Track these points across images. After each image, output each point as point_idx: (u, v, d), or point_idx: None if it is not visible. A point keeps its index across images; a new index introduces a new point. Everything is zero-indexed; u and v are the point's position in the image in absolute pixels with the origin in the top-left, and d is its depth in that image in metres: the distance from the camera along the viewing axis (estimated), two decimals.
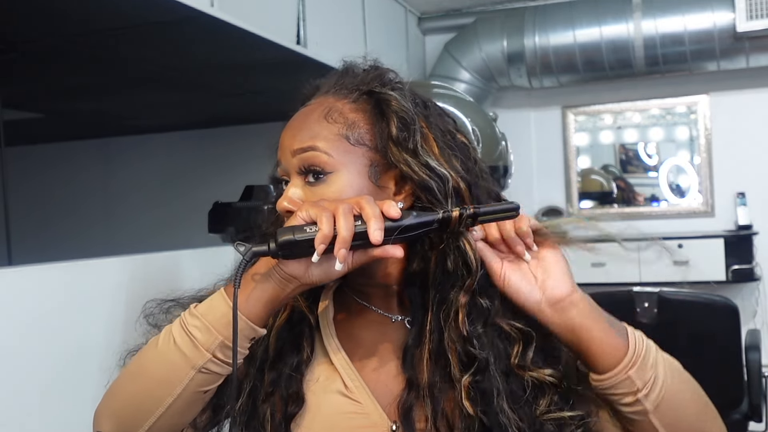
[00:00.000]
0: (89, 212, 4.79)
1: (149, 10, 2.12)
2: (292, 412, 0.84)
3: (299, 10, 2.74)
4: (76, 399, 1.36)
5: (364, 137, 0.86)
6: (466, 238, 0.82)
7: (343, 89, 0.89)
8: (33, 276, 1.34)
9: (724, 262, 3.67)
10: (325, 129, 0.85)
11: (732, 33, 3.48)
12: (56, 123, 4.38)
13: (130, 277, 1.53)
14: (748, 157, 3.91)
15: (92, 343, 1.42)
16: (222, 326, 0.78)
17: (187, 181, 4.46)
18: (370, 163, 0.85)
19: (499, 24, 3.88)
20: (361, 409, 0.84)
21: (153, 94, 3.55)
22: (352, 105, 0.88)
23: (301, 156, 0.85)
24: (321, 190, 0.84)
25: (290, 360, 0.87)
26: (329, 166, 0.84)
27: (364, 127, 0.86)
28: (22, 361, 1.28)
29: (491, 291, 0.85)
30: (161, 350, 0.80)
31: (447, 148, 0.86)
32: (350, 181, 0.84)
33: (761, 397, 2.48)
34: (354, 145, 0.85)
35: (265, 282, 0.78)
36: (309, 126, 0.87)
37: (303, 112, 0.90)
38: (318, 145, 0.84)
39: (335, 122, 0.86)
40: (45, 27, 2.24)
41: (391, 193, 0.86)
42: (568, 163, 4.24)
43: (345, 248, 0.73)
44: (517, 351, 0.84)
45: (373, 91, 0.88)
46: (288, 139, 0.88)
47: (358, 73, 0.92)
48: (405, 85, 0.91)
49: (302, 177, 0.86)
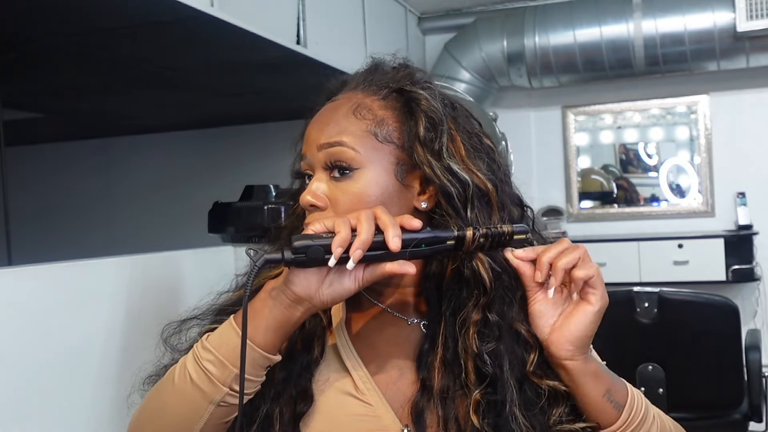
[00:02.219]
0: (89, 212, 4.79)
1: (149, 10, 2.12)
2: (301, 411, 0.83)
3: (299, 10, 2.74)
4: (76, 399, 1.36)
5: (392, 135, 0.85)
6: (480, 260, 0.82)
7: (372, 86, 0.88)
8: (33, 276, 1.34)
9: (724, 262, 3.67)
10: (353, 124, 0.84)
11: (732, 33, 3.48)
12: (56, 123, 4.38)
13: (130, 277, 1.53)
14: (748, 157, 3.91)
15: (92, 343, 1.42)
16: (235, 358, 0.76)
17: (187, 181, 4.46)
18: (397, 161, 0.84)
19: (499, 24, 3.87)
20: (372, 411, 0.83)
21: (153, 94, 3.55)
22: (381, 102, 0.86)
23: (328, 151, 0.84)
24: (346, 186, 0.83)
25: (301, 359, 0.86)
26: (356, 162, 0.83)
27: (393, 124, 0.85)
28: (22, 361, 1.27)
29: (510, 296, 0.84)
30: (178, 388, 0.79)
31: (473, 150, 0.86)
32: (376, 178, 0.83)
33: (761, 397, 2.48)
34: (382, 143, 0.84)
35: (275, 308, 0.77)
36: (337, 121, 0.85)
37: (330, 107, 0.88)
38: (345, 141, 0.83)
39: (364, 118, 0.85)
40: (45, 27, 2.24)
41: (415, 192, 0.85)
42: (568, 163, 4.24)
43: (362, 249, 0.72)
44: (533, 358, 0.83)
45: (403, 90, 0.86)
46: (314, 133, 0.86)
47: (388, 70, 0.91)
48: (434, 85, 0.90)
49: (327, 172, 0.85)
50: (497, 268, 0.82)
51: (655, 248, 3.79)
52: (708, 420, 2.44)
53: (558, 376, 0.84)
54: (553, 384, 0.83)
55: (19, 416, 1.25)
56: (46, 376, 1.31)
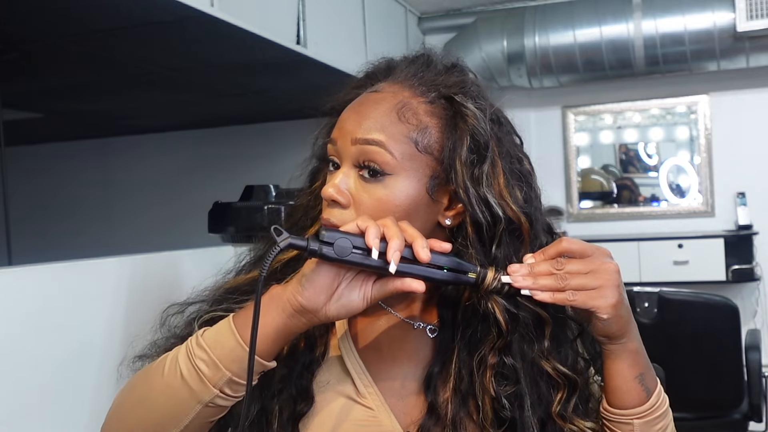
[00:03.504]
0: (89, 212, 4.79)
1: (149, 10, 2.12)
2: (300, 411, 0.81)
3: (299, 10, 2.73)
4: (76, 399, 1.36)
5: (433, 146, 0.79)
6: (496, 303, 0.78)
7: (421, 85, 0.82)
8: (33, 276, 1.34)
9: (724, 262, 3.67)
10: (395, 126, 0.79)
11: (732, 33, 3.48)
12: (56, 123, 4.38)
13: (130, 277, 1.53)
14: (748, 157, 3.91)
15: (92, 343, 1.41)
16: (230, 362, 0.73)
17: (187, 181, 4.46)
18: (431, 174, 0.79)
19: (499, 24, 3.87)
20: (372, 415, 0.81)
21: (153, 94, 3.55)
22: (428, 107, 0.81)
23: (364, 148, 0.78)
24: (375, 190, 0.78)
25: (303, 358, 0.83)
26: (389, 167, 0.78)
27: (436, 134, 0.80)
28: (22, 361, 1.27)
29: (532, 334, 0.80)
30: (168, 381, 0.76)
31: (513, 178, 0.82)
32: (407, 187, 0.78)
33: (761, 397, 2.49)
34: (421, 152, 0.79)
35: (277, 316, 0.73)
36: (378, 117, 0.79)
37: (372, 99, 0.81)
38: (384, 142, 0.78)
39: (407, 122, 0.79)
40: (45, 27, 2.24)
41: (442, 208, 0.82)
42: (568, 163, 4.24)
43: (400, 251, 0.69)
44: (560, 398, 0.81)
45: (454, 99, 0.81)
46: (352, 124, 0.80)
47: (440, 70, 0.86)
48: (486, 98, 0.85)
49: (356, 169, 0.79)
50: (514, 310, 0.79)
51: (655, 248, 3.79)
52: (708, 420, 2.44)
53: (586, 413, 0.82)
54: (578, 427, 0.81)
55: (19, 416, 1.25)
56: (46, 376, 1.31)
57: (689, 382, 2.36)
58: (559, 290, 0.74)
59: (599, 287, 0.75)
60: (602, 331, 0.77)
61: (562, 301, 0.74)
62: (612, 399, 0.80)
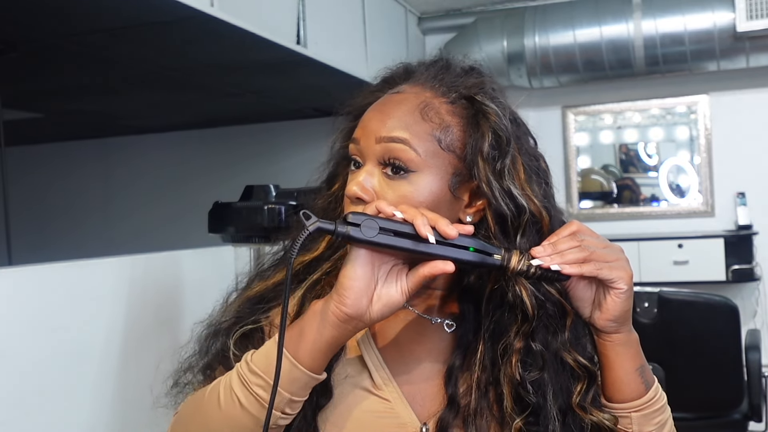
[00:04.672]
0: (89, 212, 4.79)
1: (149, 10, 2.12)
2: (321, 404, 0.82)
3: (299, 10, 2.73)
4: (76, 399, 1.36)
5: (455, 144, 0.82)
6: (523, 286, 0.79)
7: (442, 86, 0.85)
8: (33, 276, 1.34)
9: (724, 262, 3.67)
10: (418, 124, 0.81)
11: (732, 33, 3.48)
12: (56, 123, 4.38)
13: (130, 277, 1.53)
14: (748, 157, 3.91)
15: (92, 343, 1.42)
16: (287, 383, 0.74)
17: (187, 181, 4.46)
18: (453, 171, 0.81)
19: (499, 24, 3.87)
20: (389, 407, 0.82)
21: (153, 94, 3.55)
22: (450, 107, 0.83)
23: (388, 146, 0.80)
24: (399, 186, 0.80)
25: None
26: (414, 164, 0.80)
27: (458, 133, 0.82)
28: (22, 361, 1.27)
29: (555, 324, 0.82)
30: (227, 412, 0.77)
31: (532, 174, 0.84)
32: (430, 184, 0.80)
33: (761, 397, 2.49)
34: (444, 150, 0.81)
35: (324, 330, 0.74)
36: (401, 116, 0.81)
37: (395, 99, 0.84)
38: (409, 139, 0.80)
39: (430, 120, 0.81)
40: (45, 27, 2.24)
41: (463, 205, 0.83)
42: (568, 163, 4.24)
43: (431, 225, 0.72)
44: (581, 389, 0.82)
45: (474, 99, 0.83)
46: (376, 123, 0.82)
47: (459, 72, 0.88)
48: (504, 99, 0.87)
49: (380, 167, 0.81)
50: (540, 296, 0.80)
51: (655, 248, 3.80)
52: (708, 420, 2.44)
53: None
54: (598, 418, 0.81)
55: (19, 416, 1.25)
56: (46, 375, 1.31)
57: (689, 382, 2.36)
58: (585, 261, 0.77)
59: (618, 259, 0.79)
60: (614, 313, 0.79)
61: (591, 272, 0.77)
62: (611, 391, 0.82)
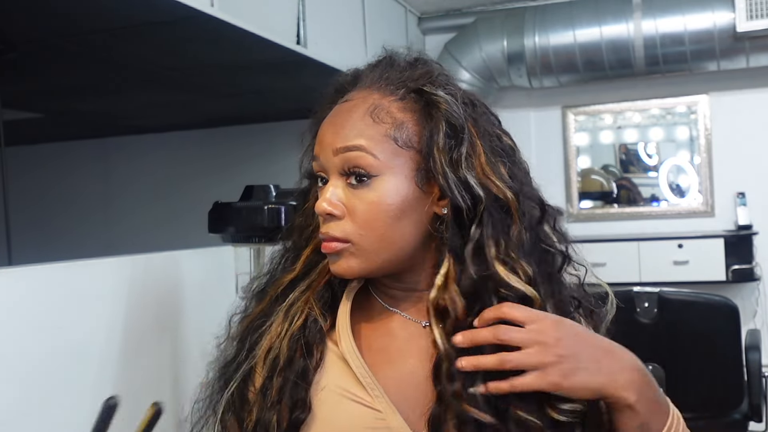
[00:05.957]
0: (89, 212, 4.79)
1: (149, 10, 2.12)
2: (298, 419, 0.81)
3: (299, 10, 2.73)
4: (75, 399, 1.36)
5: (413, 139, 0.81)
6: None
7: (389, 85, 0.83)
8: (33, 276, 1.34)
9: (724, 262, 3.67)
10: (371, 128, 0.80)
11: (732, 33, 3.48)
12: (56, 123, 4.38)
13: (130, 278, 1.53)
14: (748, 157, 3.91)
15: (92, 343, 1.42)
16: None
17: (187, 181, 4.46)
18: (417, 167, 0.81)
19: (499, 24, 3.87)
20: (380, 417, 0.80)
21: (153, 94, 3.55)
22: (400, 104, 0.82)
23: (345, 156, 0.80)
24: (365, 195, 0.80)
25: (298, 366, 0.83)
26: (374, 169, 0.79)
27: (413, 128, 0.81)
28: (22, 361, 1.27)
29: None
30: None
31: (494, 154, 0.83)
32: (396, 185, 0.80)
33: (761, 397, 2.48)
34: (402, 148, 0.80)
35: None
36: (353, 124, 0.81)
37: (345, 108, 0.83)
38: (364, 145, 0.79)
39: (382, 122, 0.81)
40: (45, 27, 2.24)
41: (435, 198, 0.82)
42: (568, 163, 4.24)
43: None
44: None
45: (423, 91, 0.82)
46: (330, 136, 0.82)
47: (404, 66, 0.86)
48: (455, 83, 0.86)
49: (344, 178, 0.81)
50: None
51: (655, 248, 3.79)
52: (708, 420, 2.44)
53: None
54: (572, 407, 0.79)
55: (19, 416, 1.25)
56: (46, 376, 1.31)
57: (689, 382, 2.36)
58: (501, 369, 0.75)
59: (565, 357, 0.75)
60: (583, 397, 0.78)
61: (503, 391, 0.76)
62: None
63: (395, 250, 0.81)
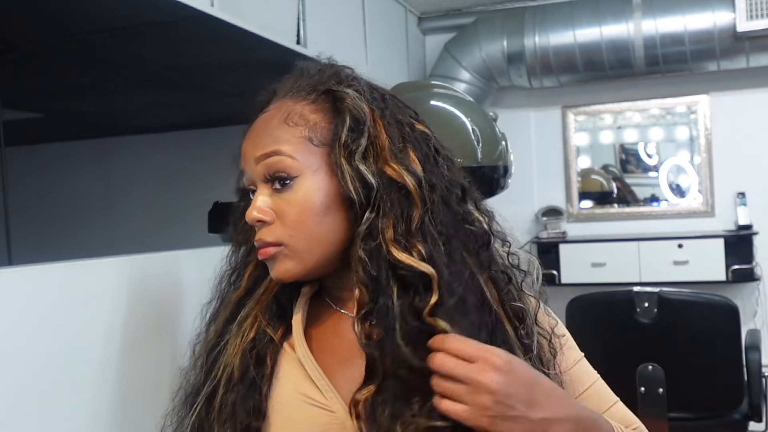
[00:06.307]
0: (89, 212, 4.79)
1: (149, 10, 2.12)
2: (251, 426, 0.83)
3: (299, 10, 2.73)
4: (75, 399, 1.36)
5: (327, 137, 0.84)
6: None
7: (301, 91, 0.88)
8: (33, 276, 1.34)
9: (724, 262, 3.67)
10: (286, 132, 0.84)
11: (732, 33, 3.48)
12: (56, 123, 4.37)
13: (130, 277, 1.53)
14: (748, 157, 3.91)
15: (92, 343, 1.41)
16: None
17: (187, 181, 4.46)
18: (336, 164, 0.83)
19: (499, 24, 3.87)
20: (335, 418, 0.82)
21: (153, 94, 3.55)
22: (312, 106, 0.86)
23: (265, 162, 0.84)
24: (289, 197, 0.83)
25: (250, 377, 0.85)
26: (294, 170, 0.83)
27: (326, 126, 0.85)
28: (22, 361, 1.27)
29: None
30: None
31: (403, 141, 0.84)
32: (318, 183, 0.83)
33: (761, 397, 2.49)
34: (318, 146, 0.84)
35: None
36: (270, 132, 0.85)
37: (262, 119, 0.88)
38: (281, 149, 0.83)
39: (296, 125, 0.84)
40: (45, 27, 2.24)
41: None
42: (568, 163, 4.24)
43: None
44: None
45: (330, 90, 0.86)
46: (250, 148, 0.87)
47: (314, 73, 0.90)
48: (361, 80, 0.89)
49: (269, 185, 0.85)
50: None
51: (655, 248, 3.79)
52: (708, 420, 2.44)
53: None
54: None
55: (19, 416, 1.25)
56: (45, 376, 1.31)
57: (689, 382, 2.36)
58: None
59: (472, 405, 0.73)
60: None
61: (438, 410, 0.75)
62: None
63: (326, 246, 0.83)
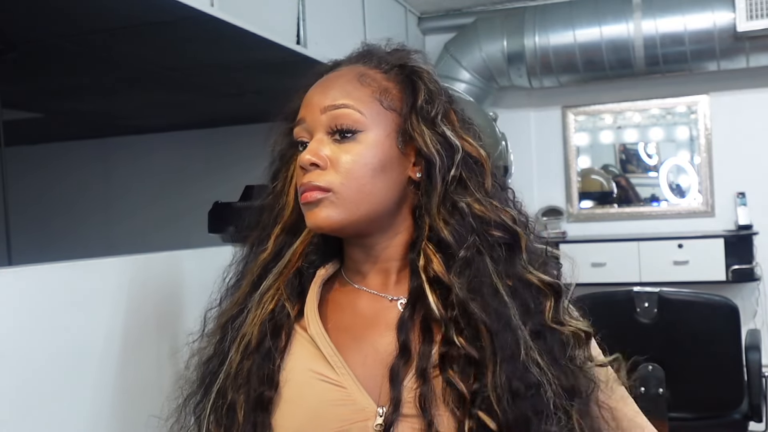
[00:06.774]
0: (89, 212, 4.79)
1: (149, 10, 2.12)
2: (267, 397, 0.83)
3: (299, 9, 2.73)
4: (75, 399, 1.36)
5: (396, 104, 0.87)
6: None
7: (373, 61, 0.91)
8: (33, 276, 1.34)
9: (724, 262, 3.67)
10: (358, 90, 0.87)
11: (732, 33, 3.48)
12: (56, 123, 4.37)
13: (130, 278, 1.53)
14: (748, 157, 3.91)
15: (92, 343, 1.42)
16: None
17: (187, 181, 4.46)
18: (398, 129, 0.87)
19: (499, 24, 3.87)
20: (346, 394, 0.81)
21: (153, 94, 3.55)
22: (384, 75, 0.89)
23: (333, 113, 0.85)
24: (350, 148, 0.84)
25: (265, 347, 0.86)
26: (360, 125, 0.85)
27: (396, 94, 0.88)
28: (22, 361, 1.27)
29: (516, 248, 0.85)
30: None
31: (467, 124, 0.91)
32: (379, 141, 0.85)
33: (761, 397, 2.48)
34: (386, 109, 0.87)
35: None
36: (342, 86, 0.87)
37: (334, 75, 0.90)
38: (352, 104, 0.85)
39: (369, 85, 0.87)
40: (45, 27, 2.24)
41: (410, 163, 0.88)
42: (568, 163, 4.24)
43: None
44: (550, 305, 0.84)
45: (406, 65, 0.90)
46: (318, 96, 0.87)
47: (384, 52, 0.94)
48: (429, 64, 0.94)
49: (329, 135, 0.86)
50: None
51: (655, 248, 3.79)
52: (708, 420, 2.44)
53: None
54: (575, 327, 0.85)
55: (19, 416, 1.25)
56: (46, 376, 1.31)
57: (689, 382, 2.36)
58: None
59: None
60: None
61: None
62: None
63: (373, 204, 0.85)
